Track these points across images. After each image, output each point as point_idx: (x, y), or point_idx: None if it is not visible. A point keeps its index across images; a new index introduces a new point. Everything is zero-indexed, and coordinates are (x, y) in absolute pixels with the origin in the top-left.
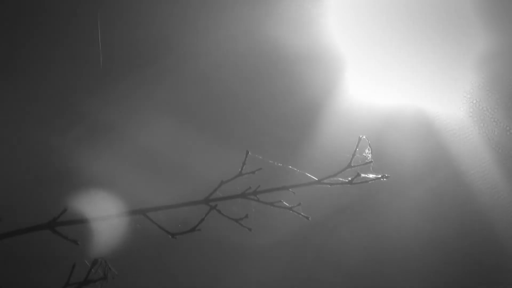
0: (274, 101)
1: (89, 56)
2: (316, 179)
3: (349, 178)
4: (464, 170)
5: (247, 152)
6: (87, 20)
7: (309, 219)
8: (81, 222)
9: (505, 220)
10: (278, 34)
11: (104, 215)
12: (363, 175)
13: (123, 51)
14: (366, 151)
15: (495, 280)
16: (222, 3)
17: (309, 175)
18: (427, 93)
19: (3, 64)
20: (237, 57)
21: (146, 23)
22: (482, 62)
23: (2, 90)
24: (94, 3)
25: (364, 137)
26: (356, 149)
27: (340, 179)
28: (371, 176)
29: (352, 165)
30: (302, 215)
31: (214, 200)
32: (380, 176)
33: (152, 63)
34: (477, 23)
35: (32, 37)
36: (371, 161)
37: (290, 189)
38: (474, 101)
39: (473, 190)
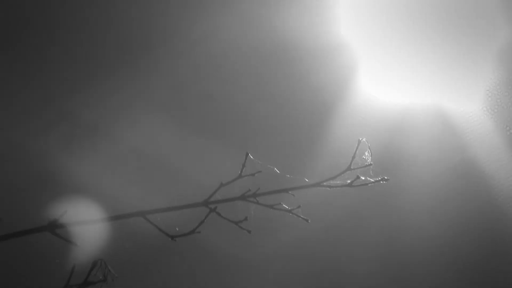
0: (277, 101)
1: (80, 54)
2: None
3: (349, 181)
4: (482, 167)
5: (247, 154)
6: (72, 18)
7: (309, 221)
8: (80, 224)
9: None
10: (281, 32)
11: (104, 218)
12: (362, 177)
13: (124, 48)
14: (366, 153)
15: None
16: None
17: (306, 179)
18: (445, 89)
19: None
20: (237, 56)
21: (141, 17)
22: (501, 58)
23: None
24: (81, 2)
25: (364, 139)
26: (355, 151)
27: (339, 182)
28: (370, 179)
29: (352, 167)
30: (301, 217)
31: (213, 202)
32: (379, 178)
33: (152, 63)
34: (496, 19)
35: (16, 35)
36: (371, 164)
37: (289, 192)
38: (493, 98)
39: (492, 189)
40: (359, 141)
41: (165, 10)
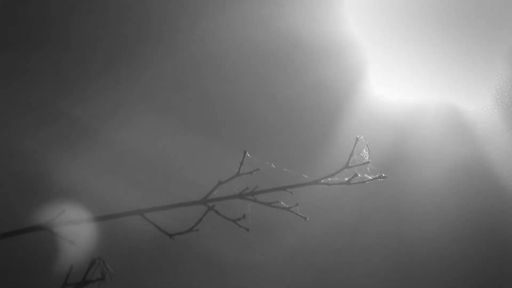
0: (279, 100)
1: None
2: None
3: (346, 179)
4: (490, 167)
5: (245, 153)
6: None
7: (307, 219)
8: (78, 223)
9: None
10: (284, 32)
11: (102, 216)
12: (359, 175)
13: (122, 47)
14: (364, 151)
15: None
16: None
17: (305, 176)
18: (454, 87)
19: None
20: (240, 56)
21: (140, 16)
22: (510, 56)
23: None
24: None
25: (362, 137)
26: (353, 149)
27: (337, 179)
28: (368, 176)
29: (349, 165)
30: (299, 215)
31: (211, 200)
32: (377, 176)
33: (152, 63)
34: (507, 18)
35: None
36: (369, 161)
37: (287, 189)
38: (501, 97)
39: (502, 188)
40: (357, 139)
41: (164, 7)
